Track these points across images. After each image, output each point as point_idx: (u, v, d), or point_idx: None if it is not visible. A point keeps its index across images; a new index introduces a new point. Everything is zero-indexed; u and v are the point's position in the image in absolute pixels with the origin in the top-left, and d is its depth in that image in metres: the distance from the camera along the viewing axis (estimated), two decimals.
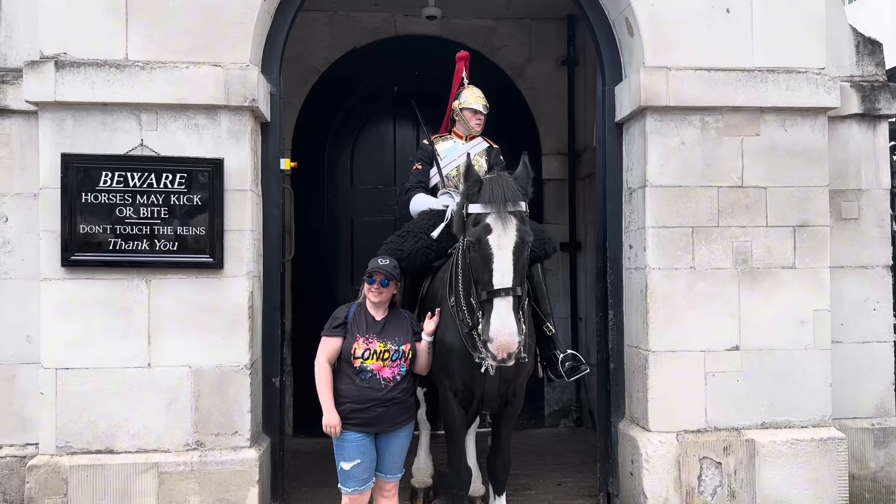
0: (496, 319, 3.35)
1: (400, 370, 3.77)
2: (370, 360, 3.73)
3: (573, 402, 7.42)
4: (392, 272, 3.81)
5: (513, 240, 3.45)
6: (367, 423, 3.73)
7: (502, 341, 3.33)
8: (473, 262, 3.53)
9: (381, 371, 3.73)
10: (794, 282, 4.73)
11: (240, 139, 4.45)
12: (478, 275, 3.50)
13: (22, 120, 4.57)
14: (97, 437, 4.34)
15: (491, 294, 3.40)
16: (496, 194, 3.47)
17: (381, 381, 3.73)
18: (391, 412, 3.74)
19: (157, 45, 4.39)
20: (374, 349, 3.73)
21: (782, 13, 4.73)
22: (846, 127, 5.07)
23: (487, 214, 3.48)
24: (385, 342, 3.76)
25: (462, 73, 5.18)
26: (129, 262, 4.34)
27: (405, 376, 3.80)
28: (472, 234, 3.52)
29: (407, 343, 3.80)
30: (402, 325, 3.86)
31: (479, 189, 3.56)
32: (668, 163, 4.67)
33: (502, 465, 4.22)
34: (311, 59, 7.16)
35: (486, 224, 3.47)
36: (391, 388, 3.73)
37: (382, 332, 3.78)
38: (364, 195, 7.22)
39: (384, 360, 3.74)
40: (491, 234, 3.45)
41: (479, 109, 5.00)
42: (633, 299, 4.85)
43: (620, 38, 4.96)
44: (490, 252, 3.43)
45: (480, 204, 3.53)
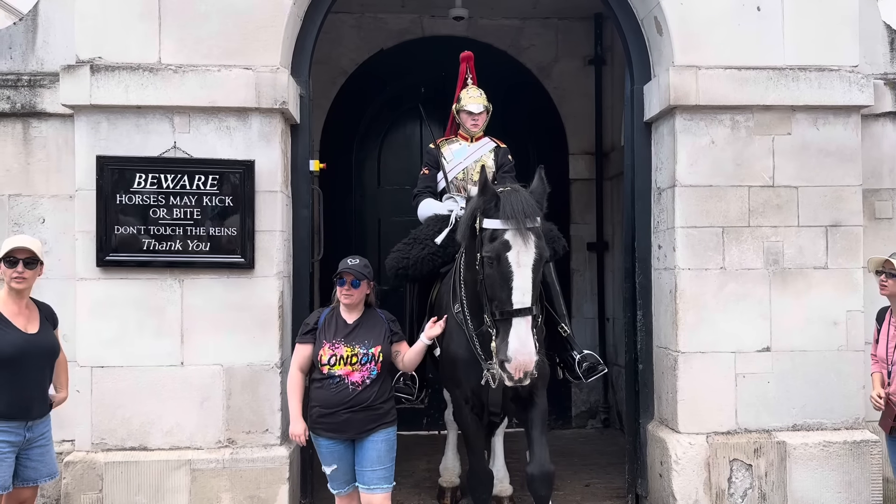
0: (515, 339, 3.28)
1: (370, 374, 3.65)
2: (337, 365, 3.63)
3: (601, 402, 7.39)
4: (362, 271, 3.67)
5: (532, 257, 3.38)
6: (335, 429, 3.64)
7: (520, 361, 3.27)
8: (490, 278, 3.42)
9: (350, 375, 3.64)
10: (827, 282, 4.67)
11: (270, 141, 4.50)
12: (494, 291, 3.40)
13: (58, 123, 4.66)
14: (131, 434, 4.41)
15: (510, 313, 3.32)
16: (516, 209, 3.38)
17: (349, 385, 3.63)
18: (359, 418, 3.62)
19: (189, 49, 4.45)
20: (341, 354, 3.64)
21: (814, 10, 4.67)
22: (880, 125, 4.98)
23: (506, 231, 3.39)
24: (353, 346, 3.65)
25: (465, 73, 5.15)
26: (163, 263, 4.42)
27: (377, 380, 3.67)
28: (489, 249, 3.40)
29: (378, 345, 3.68)
30: (375, 327, 3.75)
31: (495, 203, 3.46)
32: (698, 162, 4.63)
33: (541, 478, 3.83)
34: (339, 61, 7.21)
35: (505, 240, 3.38)
36: (359, 392, 3.62)
37: (351, 336, 3.67)
38: (391, 195, 7.26)
39: (353, 365, 3.63)
40: (510, 251, 3.36)
41: (473, 111, 4.89)
42: (663, 300, 4.82)
43: (649, 37, 4.93)
44: (510, 270, 3.35)
45: (500, 220, 3.42)
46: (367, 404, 3.63)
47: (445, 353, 4.02)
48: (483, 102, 4.95)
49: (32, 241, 3.53)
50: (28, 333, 3.47)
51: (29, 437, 3.44)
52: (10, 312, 3.45)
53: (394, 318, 3.87)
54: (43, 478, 3.54)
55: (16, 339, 3.40)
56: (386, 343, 3.73)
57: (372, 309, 3.82)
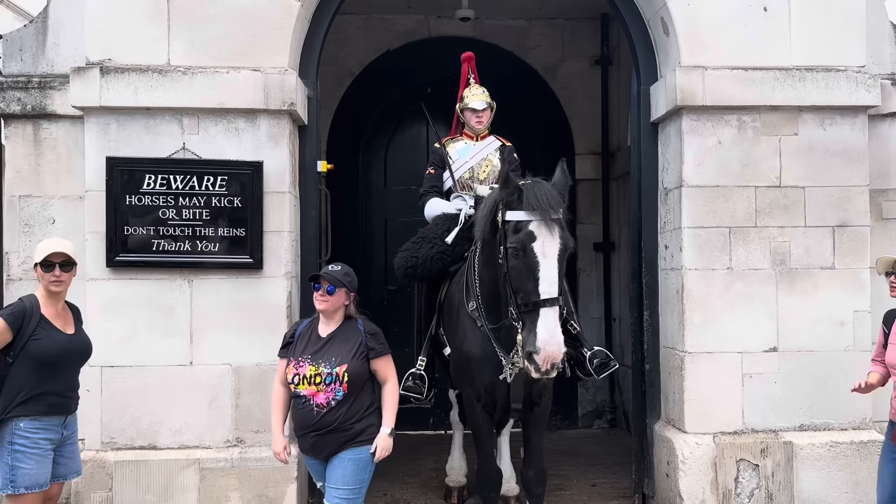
0: (543, 330, 3.24)
1: (335, 395, 3.37)
2: (301, 385, 3.39)
3: (607, 402, 7.40)
4: (341, 279, 3.44)
5: (557, 247, 3.37)
6: (309, 450, 3.46)
7: (549, 352, 3.23)
8: (515, 269, 3.39)
9: (315, 396, 3.38)
10: (834, 282, 4.67)
11: (278, 142, 4.52)
12: (520, 283, 3.37)
13: (68, 124, 4.69)
14: (140, 434, 4.45)
15: (537, 304, 3.29)
16: (540, 200, 3.38)
17: (313, 407, 3.38)
18: (329, 441, 3.38)
19: (198, 51, 4.48)
20: (304, 373, 3.39)
21: (821, 11, 4.67)
22: (887, 125, 4.98)
23: (530, 222, 3.38)
24: (318, 364, 3.39)
25: (467, 73, 5.16)
26: (172, 263, 4.45)
27: (344, 401, 3.37)
28: (514, 241, 3.39)
29: (344, 363, 3.38)
30: (348, 342, 3.45)
31: (518, 195, 3.46)
32: (705, 163, 4.64)
33: (536, 476, 4.01)
34: (346, 62, 7.24)
35: (530, 231, 3.37)
36: (324, 415, 3.37)
37: (320, 352, 3.43)
38: (397, 196, 7.28)
39: (317, 385, 3.38)
40: (535, 241, 3.35)
41: (476, 107, 4.90)
42: (669, 300, 4.83)
43: (656, 37, 4.94)
44: (535, 260, 3.33)
45: (524, 211, 3.42)
46: (334, 427, 3.37)
47: (459, 351, 4.00)
48: (486, 99, 4.95)
49: (67, 244, 3.56)
50: (68, 334, 3.54)
51: (64, 435, 3.51)
52: (50, 314, 3.51)
53: (376, 330, 3.51)
54: (72, 474, 3.60)
55: (59, 340, 3.47)
56: (357, 361, 3.41)
57: (351, 321, 3.52)
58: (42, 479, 3.39)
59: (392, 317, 7.12)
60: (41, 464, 3.39)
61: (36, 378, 3.38)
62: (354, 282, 3.54)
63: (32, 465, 3.36)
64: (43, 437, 3.40)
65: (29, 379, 3.38)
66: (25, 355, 3.39)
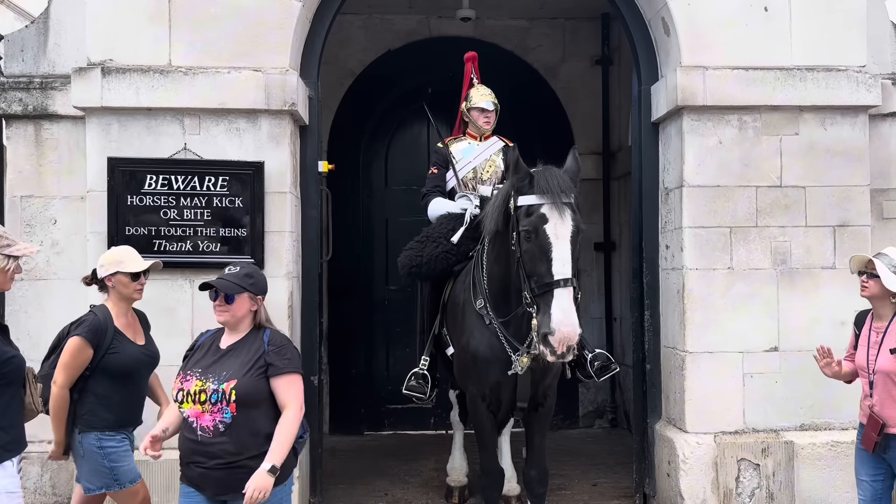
0: (558, 310, 3.20)
1: (223, 416, 2.84)
2: (185, 403, 2.89)
3: (608, 402, 7.40)
4: (239, 283, 2.95)
5: (570, 229, 3.36)
6: (198, 483, 2.91)
7: (565, 333, 3.18)
8: (528, 253, 3.37)
9: (200, 417, 2.86)
10: (835, 282, 4.67)
11: (280, 142, 4.53)
12: (534, 266, 3.35)
13: (70, 125, 4.70)
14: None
15: (551, 285, 3.25)
16: (551, 184, 3.39)
17: (198, 430, 2.87)
18: (217, 477, 2.84)
19: (199, 51, 4.49)
20: (189, 389, 2.89)
21: (821, 11, 4.67)
22: (888, 125, 4.98)
23: (542, 205, 3.39)
24: (206, 379, 2.88)
25: (471, 73, 5.15)
26: (174, 263, 4.44)
27: (233, 426, 2.83)
28: (526, 224, 3.39)
29: (233, 380, 2.85)
30: (247, 355, 2.93)
31: (529, 181, 3.47)
32: (706, 162, 4.65)
33: (539, 477, 4.03)
34: (347, 62, 7.25)
35: (542, 214, 3.37)
36: (210, 441, 2.84)
37: (214, 365, 2.93)
38: (398, 196, 7.29)
39: (202, 404, 2.85)
40: (548, 223, 3.34)
41: (485, 107, 4.92)
42: (670, 300, 4.83)
43: (656, 37, 4.94)
44: (548, 242, 3.32)
45: (536, 195, 3.42)
46: (223, 461, 2.82)
47: (464, 350, 3.99)
48: (494, 100, 4.97)
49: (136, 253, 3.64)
50: (139, 345, 3.59)
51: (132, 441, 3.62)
52: (122, 325, 3.54)
53: (282, 343, 3.01)
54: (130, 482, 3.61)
55: (133, 352, 3.53)
56: (252, 378, 2.87)
57: (260, 331, 3.02)
58: (137, 470, 3.58)
59: (393, 317, 7.15)
60: (133, 459, 3.57)
61: (112, 390, 3.47)
62: (260, 283, 3.05)
63: (127, 461, 3.53)
64: (125, 438, 3.56)
65: (106, 391, 3.46)
66: (103, 369, 3.44)
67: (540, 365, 3.85)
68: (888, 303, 3.49)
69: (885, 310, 3.52)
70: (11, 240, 3.03)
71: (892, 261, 3.48)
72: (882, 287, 3.45)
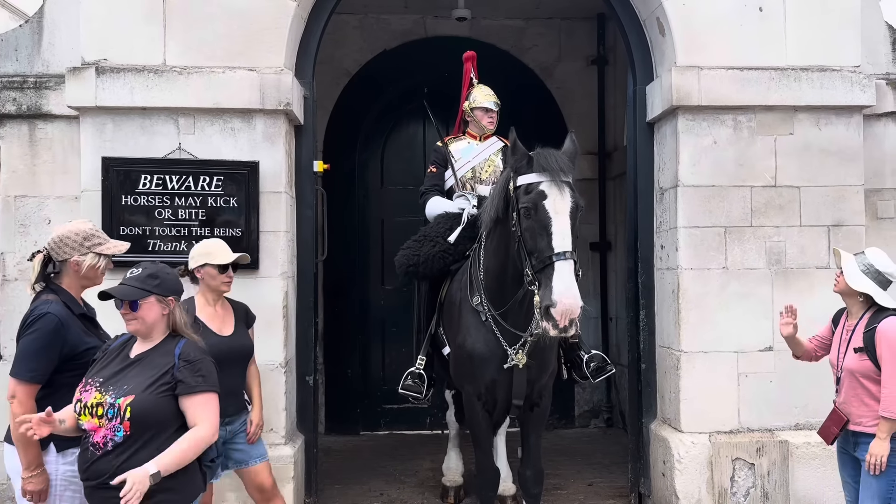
0: (559, 282, 3.20)
1: (114, 434, 2.57)
2: (83, 415, 2.62)
3: (604, 402, 7.41)
4: (142, 286, 2.67)
5: (569, 204, 3.40)
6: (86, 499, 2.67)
7: (567, 304, 3.17)
8: (529, 230, 3.40)
9: (96, 432, 2.60)
10: (829, 282, 4.57)
11: (274, 142, 4.52)
12: (535, 242, 3.37)
13: (64, 124, 4.69)
14: None
15: (552, 258, 3.28)
16: (550, 163, 3.43)
17: (90, 446, 2.61)
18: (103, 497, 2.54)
19: (194, 51, 4.48)
20: (87, 401, 2.62)
21: (816, 11, 4.68)
22: (882, 125, 5.00)
23: (541, 182, 3.42)
24: (105, 391, 2.61)
25: (470, 72, 5.15)
26: (168, 263, 4.39)
27: (125, 446, 2.56)
28: (526, 200, 3.42)
29: (131, 395, 2.57)
30: (153, 369, 2.64)
31: (528, 161, 3.51)
32: (701, 162, 4.65)
33: (534, 476, 4.05)
34: (343, 62, 7.24)
35: (541, 190, 3.40)
36: (98, 459, 2.58)
37: (116, 376, 2.66)
38: (394, 196, 7.29)
39: (98, 418, 2.59)
40: (547, 199, 3.38)
41: (489, 107, 4.92)
42: (665, 299, 4.84)
43: (651, 37, 4.95)
44: (548, 216, 3.35)
45: (535, 173, 3.46)
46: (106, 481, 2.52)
47: (461, 348, 4.00)
48: (496, 100, 4.98)
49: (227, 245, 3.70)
50: (223, 336, 3.61)
51: (230, 430, 3.62)
52: (207, 316, 3.61)
53: (197, 358, 2.70)
54: (254, 459, 3.72)
55: (212, 343, 3.44)
56: (153, 394, 2.59)
57: (174, 340, 2.73)
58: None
59: (389, 317, 7.15)
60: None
61: None
62: (168, 282, 2.74)
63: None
64: None
65: None
66: None
67: (536, 362, 3.86)
68: (856, 301, 3.52)
69: (854, 308, 3.56)
70: (103, 238, 3.15)
71: (865, 259, 3.50)
72: (847, 284, 3.49)
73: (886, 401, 3.31)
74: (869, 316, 3.47)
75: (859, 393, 3.44)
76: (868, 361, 3.40)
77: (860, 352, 3.43)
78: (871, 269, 3.47)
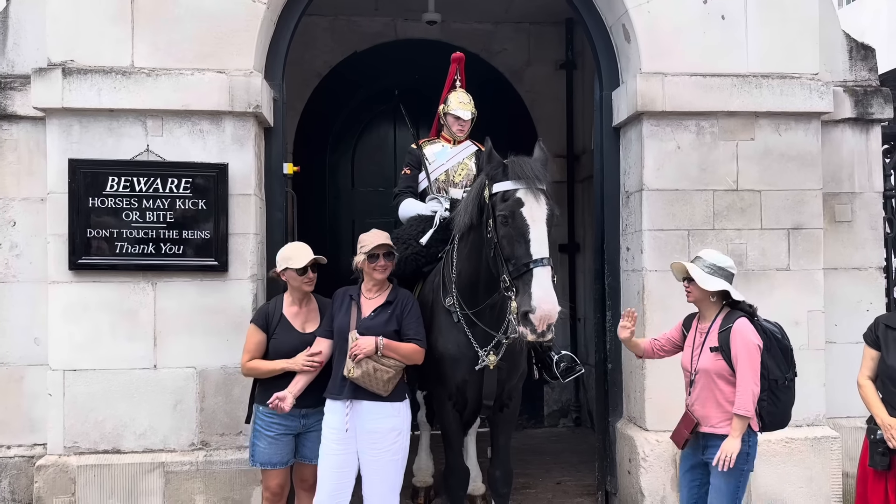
0: (538, 288, 3.26)
1: None
2: None
3: (572, 401, 7.50)
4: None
5: (545, 212, 3.45)
6: None
7: (545, 310, 3.23)
8: (506, 237, 3.44)
9: None
10: (789, 283, 4.81)
11: (244, 144, 4.52)
12: (512, 249, 3.41)
13: (29, 126, 4.64)
14: (104, 438, 4.41)
15: (529, 265, 3.32)
16: (526, 171, 3.48)
17: None
18: None
19: (162, 53, 4.46)
20: None
21: (777, 20, 4.80)
22: (839, 131, 5.14)
23: (517, 189, 3.47)
24: None
25: (455, 74, 5.15)
26: (136, 266, 4.42)
27: None
28: (503, 208, 3.46)
29: None
30: None
31: (503, 169, 3.56)
32: (665, 167, 4.75)
33: (503, 477, 4.11)
34: (313, 63, 7.24)
35: (518, 198, 3.45)
36: None
37: None
38: (365, 197, 7.31)
39: None
40: (524, 206, 3.43)
41: (461, 116, 4.92)
42: (631, 301, 4.92)
43: (617, 44, 5.04)
44: (525, 224, 3.39)
45: (510, 181, 3.50)
46: None
47: (432, 349, 4.01)
48: (472, 109, 4.97)
49: (309, 250, 3.93)
50: (304, 333, 3.88)
51: (304, 423, 3.86)
52: (291, 313, 3.92)
53: None
54: (318, 458, 3.78)
55: (292, 341, 3.84)
56: None
57: None
58: (274, 458, 3.83)
59: None
60: (273, 446, 3.82)
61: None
62: None
63: (264, 445, 3.82)
64: (277, 422, 3.80)
65: None
66: (269, 351, 3.85)
67: (506, 364, 3.91)
68: (709, 303, 3.60)
69: (708, 310, 3.62)
70: None
71: (705, 262, 3.59)
72: (701, 289, 3.55)
73: (741, 399, 3.39)
74: (723, 317, 3.56)
75: (713, 394, 3.51)
76: (723, 361, 3.48)
77: (716, 351, 3.50)
78: (716, 268, 3.56)
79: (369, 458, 3.66)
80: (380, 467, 3.67)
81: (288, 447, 3.85)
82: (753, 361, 3.41)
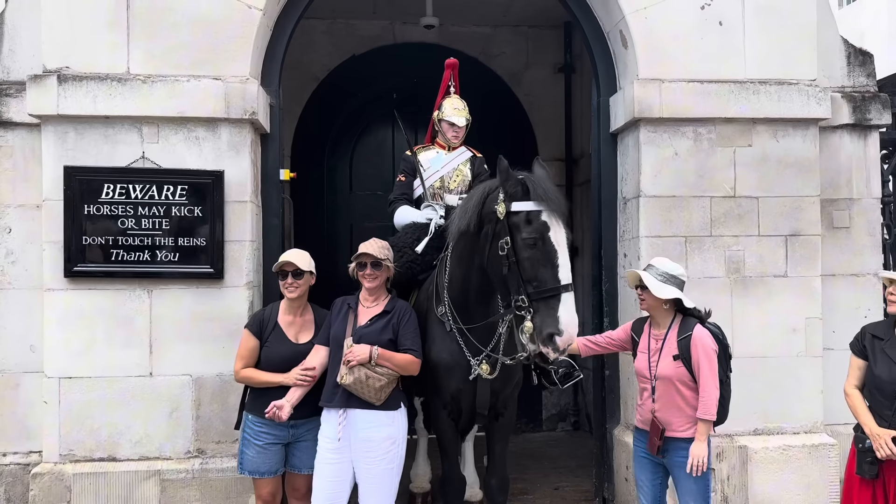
0: (566, 313, 3.36)
1: None
2: None
3: (571, 406, 7.49)
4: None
5: (566, 236, 3.50)
6: None
7: (571, 333, 3.37)
8: (531, 259, 3.44)
9: None
10: (786, 290, 4.79)
11: (240, 151, 4.51)
12: (536, 272, 3.43)
13: (25, 132, 4.62)
14: (100, 445, 4.40)
15: (558, 289, 3.39)
16: (549, 193, 3.50)
17: None
18: None
19: (158, 59, 4.45)
20: None
21: (774, 25, 4.79)
22: (837, 137, 5.12)
23: (541, 212, 3.48)
24: None
25: (449, 80, 5.15)
26: (131, 273, 4.41)
27: None
28: (530, 230, 3.47)
29: None
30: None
31: (523, 188, 3.54)
32: (662, 173, 4.73)
33: (499, 485, 4.10)
34: (311, 67, 7.23)
35: (544, 221, 3.46)
36: None
37: None
38: (363, 201, 7.30)
39: None
40: (551, 230, 3.46)
41: (456, 122, 4.92)
42: (628, 307, 4.91)
43: (615, 49, 5.02)
44: (554, 249, 3.43)
45: (533, 202, 3.50)
46: None
47: (426, 359, 4.02)
48: (466, 115, 4.96)
49: (300, 256, 3.88)
50: (297, 344, 3.85)
51: (294, 433, 3.83)
52: (285, 322, 3.88)
53: None
54: (307, 468, 3.80)
55: (284, 351, 3.81)
56: None
57: None
58: (262, 467, 3.81)
59: None
60: (261, 455, 3.80)
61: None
62: None
63: (253, 454, 3.81)
64: (266, 431, 3.79)
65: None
66: (261, 359, 3.84)
67: (500, 374, 3.91)
68: (663, 310, 3.65)
69: (662, 318, 3.67)
70: None
71: (658, 270, 3.64)
72: (655, 297, 3.60)
73: (704, 404, 3.48)
74: (678, 324, 3.62)
75: (676, 400, 3.57)
76: (684, 368, 3.55)
77: (678, 359, 3.56)
78: (668, 276, 3.61)
79: (364, 467, 3.65)
80: (375, 476, 3.66)
81: (276, 456, 3.84)
82: (713, 367, 3.52)
